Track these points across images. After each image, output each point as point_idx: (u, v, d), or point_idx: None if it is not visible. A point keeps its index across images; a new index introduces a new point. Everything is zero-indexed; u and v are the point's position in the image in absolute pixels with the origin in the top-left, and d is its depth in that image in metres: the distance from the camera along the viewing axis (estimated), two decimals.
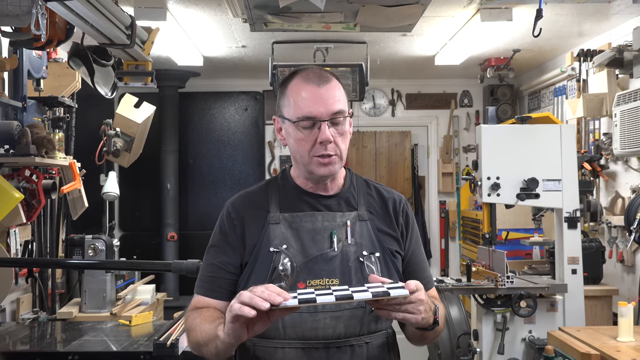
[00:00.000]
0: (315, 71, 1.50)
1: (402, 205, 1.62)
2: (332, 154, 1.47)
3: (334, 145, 1.47)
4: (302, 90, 1.48)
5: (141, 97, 4.41)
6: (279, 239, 1.49)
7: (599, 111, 4.00)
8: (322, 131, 1.45)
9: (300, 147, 1.49)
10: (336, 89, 1.49)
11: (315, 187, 1.56)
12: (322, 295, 1.24)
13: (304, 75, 1.50)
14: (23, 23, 2.16)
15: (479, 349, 3.30)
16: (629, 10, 3.70)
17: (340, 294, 1.25)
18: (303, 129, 1.47)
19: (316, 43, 4.39)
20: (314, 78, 1.48)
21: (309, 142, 1.47)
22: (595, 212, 4.03)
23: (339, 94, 1.49)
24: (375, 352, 1.49)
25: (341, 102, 1.49)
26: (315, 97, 1.46)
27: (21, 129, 3.12)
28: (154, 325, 3.02)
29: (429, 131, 6.24)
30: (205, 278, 1.56)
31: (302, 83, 1.48)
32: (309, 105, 1.46)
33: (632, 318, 2.61)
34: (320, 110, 1.45)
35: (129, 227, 6.04)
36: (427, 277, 1.62)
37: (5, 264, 3.04)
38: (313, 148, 1.47)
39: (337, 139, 1.48)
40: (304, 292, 1.27)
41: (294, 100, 1.48)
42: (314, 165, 1.49)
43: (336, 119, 1.47)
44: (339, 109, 1.47)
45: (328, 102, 1.46)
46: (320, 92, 1.46)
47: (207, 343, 1.39)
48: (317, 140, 1.46)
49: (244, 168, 6.14)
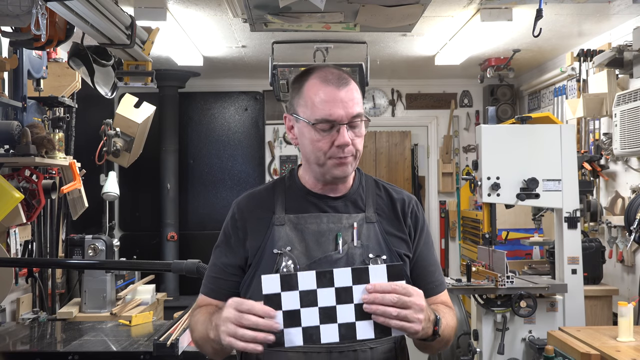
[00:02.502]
0: (334, 72, 1.46)
1: (411, 206, 1.58)
2: (349, 155, 1.44)
3: (352, 149, 1.44)
4: (321, 91, 1.43)
5: (141, 97, 4.41)
6: (283, 240, 1.46)
7: (599, 111, 4.01)
8: (341, 134, 1.41)
9: (316, 149, 1.45)
10: (354, 92, 1.45)
11: (324, 188, 1.53)
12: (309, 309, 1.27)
13: (322, 75, 1.45)
14: (23, 23, 2.16)
15: (479, 349, 3.30)
16: (629, 10, 3.70)
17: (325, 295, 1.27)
18: (321, 131, 1.43)
19: (316, 43, 4.39)
20: (333, 79, 1.43)
21: (325, 144, 1.43)
22: (595, 212, 4.03)
23: (357, 97, 1.46)
24: (380, 358, 1.45)
25: (359, 105, 1.45)
26: (335, 100, 1.42)
27: (21, 129, 3.12)
28: (154, 325, 3.02)
29: (429, 131, 6.24)
30: (209, 278, 1.56)
31: (320, 84, 1.44)
32: (329, 108, 1.41)
33: (632, 318, 2.61)
34: (340, 113, 1.41)
35: (129, 227, 6.04)
36: (436, 281, 1.56)
37: (5, 264, 3.04)
38: (330, 150, 1.43)
39: (355, 141, 1.45)
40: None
41: (312, 102, 1.43)
42: (329, 166, 1.45)
43: (355, 122, 1.44)
44: (358, 112, 1.44)
45: (348, 105, 1.42)
46: (340, 95, 1.42)
47: (203, 344, 1.44)
48: (334, 142, 1.42)
49: (244, 168, 6.13)
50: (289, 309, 1.26)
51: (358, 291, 1.27)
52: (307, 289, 1.27)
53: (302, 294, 1.27)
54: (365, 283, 1.27)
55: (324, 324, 1.27)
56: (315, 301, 1.27)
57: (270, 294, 1.26)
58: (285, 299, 1.26)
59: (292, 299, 1.26)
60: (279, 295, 1.26)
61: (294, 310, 1.26)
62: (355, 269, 1.28)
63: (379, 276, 1.28)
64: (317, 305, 1.27)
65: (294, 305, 1.27)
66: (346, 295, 1.28)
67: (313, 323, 1.27)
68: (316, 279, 1.27)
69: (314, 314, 1.27)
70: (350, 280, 1.27)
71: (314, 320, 1.27)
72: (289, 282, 1.26)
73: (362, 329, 1.28)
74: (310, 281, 1.27)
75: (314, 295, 1.27)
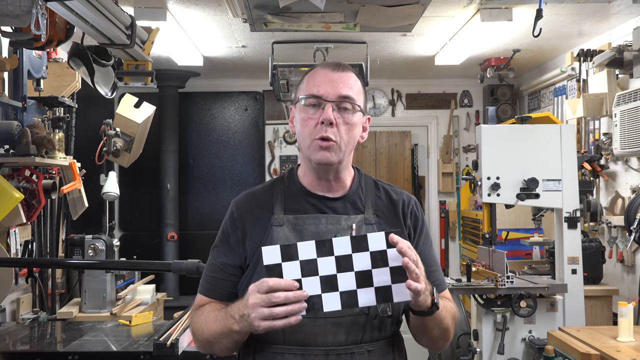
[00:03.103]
0: (337, 62, 1.53)
1: (410, 206, 1.58)
2: (332, 138, 1.45)
3: (336, 131, 1.46)
4: (317, 73, 1.51)
5: (141, 97, 4.41)
6: (281, 241, 1.46)
7: (599, 111, 4.00)
8: (326, 110, 1.45)
9: (303, 129, 1.48)
10: (350, 78, 1.50)
11: (320, 186, 1.53)
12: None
13: (324, 64, 1.53)
14: (23, 23, 2.17)
15: (479, 349, 3.30)
16: (629, 10, 3.70)
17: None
18: (309, 107, 1.47)
19: (316, 43, 4.39)
20: (331, 65, 1.51)
21: (312, 122, 1.46)
22: (595, 212, 4.03)
23: (353, 83, 1.49)
24: (378, 359, 1.45)
25: (353, 91, 1.48)
26: (327, 79, 1.48)
27: (21, 129, 3.12)
28: (154, 325, 3.02)
29: (429, 131, 6.24)
30: (207, 278, 1.56)
31: (319, 68, 1.52)
32: (318, 85, 1.47)
33: (632, 318, 2.61)
34: (327, 89, 1.46)
35: (129, 227, 6.04)
36: (436, 280, 1.55)
37: (5, 264, 3.04)
38: (315, 129, 1.46)
39: (341, 127, 1.46)
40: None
41: (306, 82, 1.51)
42: (313, 149, 1.47)
43: (343, 103, 1.47)
44: (348, 94, 1.47)
45: (338, 85, 1.47)
46: (333, 76, 1.48)
47: (219, 340, 1.43)
48: (320, 120, 1.46)
49: (244, 168, 6.13)
50: (291, 279, 1.28)
51: (358, 259, 1.30)
52: (307, 259, 1.29)
53: (302, 263, 1.29)
54: (365, 251, 1.30)
55: (326, 293, 1.30)
56: (315, 270, 1.29)
57: (271, 265, 1.28)
58: (287, 269, 1.29)
59: (293, 269, 1.29)
60: (279, 266, 1.28)
61: (295, 280, 1.29)
62: (354, 237, 1.30)
63: (378, 243, 1.30)
64: (317, 274, 1.29)
65: (295, 275, 1.29)
66: (346, 263, 1.30)
67: (315, 292, 1.29)
68: (316, 248, 1.30)
69: (315, 283, 1.29)
70: (350, 248, 1.30)
71: (316, 289, 1.29)
72: (289, 252, 1.29)
73: (363, 296, 1.31)
74: (310, 251, 1.29)
75: (315, 265, 1.30)
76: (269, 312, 1.26)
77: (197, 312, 1.53)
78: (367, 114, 1.58)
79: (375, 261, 1.29)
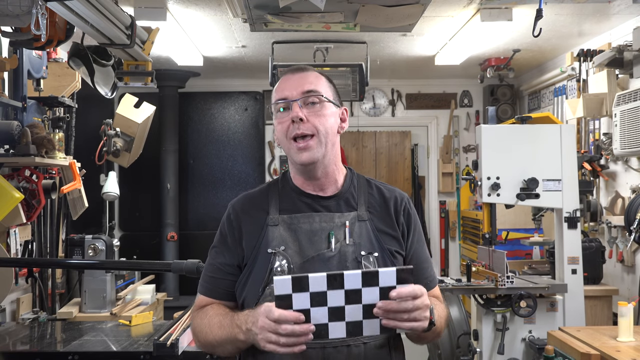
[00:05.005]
0: (297, 66, 1.63)
1: (403, 204, 1.61)
2: (308, 133, 1.50)
3: (310, 125, 1.50)
4: (281, 81, 1.58)
5: (141, 97, 4.41)
6: (277, 240, 1.50)
7: (599, 111, 4.00)
8: (293, 109, 1.51)
9: (279, 132, 1.54)
10: (310, 75, 1.56)
11: (312, 185, 1.57)
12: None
13: (286, 70, 1.61)
14: (23, 23, 2.17)
15: (479, 349, 3.30)
16: (629, 10, 3.70)
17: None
18: (280, 111, 1.53)
19: (316, 43, 4.39)
20: (292, 69, 1.59)
21: (285, 124, 1.52)
22: (595, 212, 4.03)
23: (313, 79, 1.56)
24: (373, 353, 1.47)
25: (314, 85, 1.54)
26: (289, 82, 1.55)
27: (21, 129, 3.12)
28: (154, 325, 3.02)
29: (429, 131, 6.24)
30: (206, 278, 1.60)
31: (283, 76, 1.60)
32: (282, 89, 1.54)
33: (632, 318, 2.61)
34: (291, 90, 1.53)
35: (129, 227, 6.04)
36: (429, 277, 1.61)
37: (5, 264, 3.04)
38: (289, 130, 1.51)
39: (313, 119, 1.51)
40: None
41: (275, 91, 1.57)
42: (293, 151, 1.52)
43: (309, 98, 1.52)
44: (311, 89, 1.53)
45: (300, 84, 1.53)
46: (294, 78, 1.56)
47: (223, 344, 1.47)
48: (291, 120, 1.51)
49: (244, 168, 6.14)
50: (299, 309, 1.29)
51: (367, 293, 1.31)
52: (318, 291, 1.30)
53: (312, 295, 1.30)
54: (375, 286, 1.30)
55: (332, 322, 1.32)
56: (324, 301, 1.31)
57: (282, 295, 1.29)
58: (297, 299, 1.29)
59: (303, 299, 1.30)
60: (290, 297, 1.29)
61: (303, 310, 1.30)
62: (365, 273, 1.31)
63: (388, 279, 1.30)
64: (326, 305, 1.31)
65: (304, 305, 1.30)
66: (355, 296, 1.31)
67: (322, 321, 1.31)
68: (327, 281, 1.30)
69: (323, 313, 1.31)
70: (360, 283, 1.31)
71: (323, 318, 1.31)
72: (300, 284, 1.29)
73: (368, 327, 1.33)
74: (320, 283, 1.30)
75: (324, 297, 1.31)
76: (276, 338, 1.29)
77: (199, 314, 1.56)
78: (342, 107, 1.63)
79: (384, 296, 1.31)
